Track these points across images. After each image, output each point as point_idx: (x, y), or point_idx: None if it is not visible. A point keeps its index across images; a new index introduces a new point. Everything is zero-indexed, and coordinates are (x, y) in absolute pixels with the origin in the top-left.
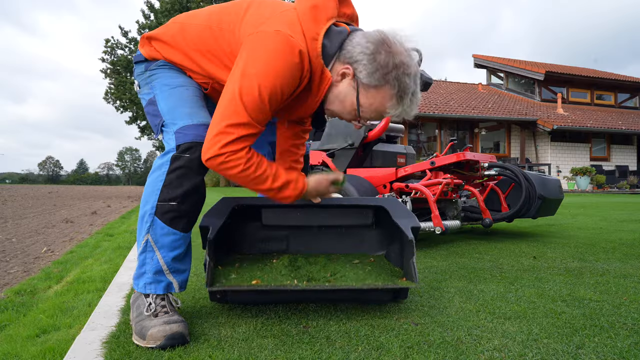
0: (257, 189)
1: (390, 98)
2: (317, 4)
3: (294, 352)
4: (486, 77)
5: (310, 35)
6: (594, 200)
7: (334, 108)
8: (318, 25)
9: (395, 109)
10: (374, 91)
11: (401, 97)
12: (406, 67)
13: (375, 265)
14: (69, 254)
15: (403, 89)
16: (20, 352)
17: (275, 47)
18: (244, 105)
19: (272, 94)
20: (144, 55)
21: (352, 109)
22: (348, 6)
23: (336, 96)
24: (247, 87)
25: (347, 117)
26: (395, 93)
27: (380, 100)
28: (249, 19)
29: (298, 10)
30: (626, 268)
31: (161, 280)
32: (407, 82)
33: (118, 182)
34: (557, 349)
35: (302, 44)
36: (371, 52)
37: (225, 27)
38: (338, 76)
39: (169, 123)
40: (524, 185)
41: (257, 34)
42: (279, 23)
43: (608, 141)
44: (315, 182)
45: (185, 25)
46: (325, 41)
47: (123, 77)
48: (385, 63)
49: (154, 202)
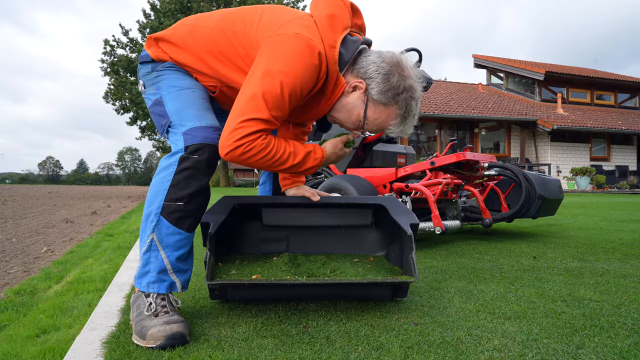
0: (281, 169)
1: (396, 117)
2: (334, 13)
3: (294, 352)
4: (486, 77)
5: (328, 42)
6: (594, 200)
7: (339, 116)
8: (335, 33)
9: (397, 127)
10: (382, 108)
11: (405, 117)
12: (414, 91)
13: (374, 264)
14: (69, 254)
15: (408, 111)
16: (20, 352)
17: (295, 48)
18: (265, 101)
19: (293, 91)
20: (151, 56)
21: (358, 120)
22: (359, 17)
23: (344, 105)
24: (269, 84)
25: (350, 126)
26: (401, 113)
27: (385, 117)
28: (265, 23)
29: (315, 18)
30: (626, 268)
31: (164, 279)
32: (412, 105)
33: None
34: (557, 349)
35: (321, 47)
36: (386, 73)
37: (239, 30)
38: (350, 87)
39: (176, 124)
40: (524, 185)
41: (277, 36)
42: (298, 27)
43: (608, 141)
44: (331, 146)
45: (196, 27)
46: (342, 49)
47: (123, 77)
48: (397, 85)
49: (160, 202)
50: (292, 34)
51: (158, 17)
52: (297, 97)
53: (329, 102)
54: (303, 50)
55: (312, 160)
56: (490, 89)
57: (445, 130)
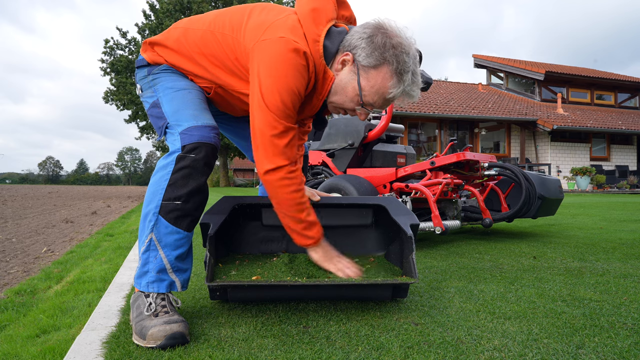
0: (293, 217)
1: (391, 76)
2: (316, 6)
3: (294, 352)
4: (486, 77)
5: (311, 37)
6: (594, 200)
7: (337, 99)
8: (318, 27)
9: (397, 88)
10: (374, 72)
11: (400, 74)
12: (403, 46)
13: (374, 264)
14: (69, 254)
15: (402, 66)
16: (20, 352)
17: (280, 53)
18: (275, 114)
19: (292, 96)
20: (147, 60)
21: (355, 95)
22: (346, 9)
23: (338, 85)
24: (269, 98)
25: (350, 105)
26: (394, 69)
27: (381, 80)
28: (252, 26)
29: (299, 14)
30: (626, 268)
31: (164, 279)
32: (405, 60)
33: (118, 182)
34: (557, 349)
35: (305, 46)
36: (368, 36)
37: (228, 33)
38: (338, 65)
39: (173, 124)
40: (524, 185)
41: (262, 42)
42: (281, 29)
43: (608, 141)
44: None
45: (188, 30)
46: (327, 42)
47: (123, 76)
48: (382, 43)
49: (158, 201)
50: (276, 38)
51: (158, 18)
52: (297, 99)
53: (320, 97)
54: (288, 54)
55: (315, 231)
56: (490, 88)
57: (445, 130)
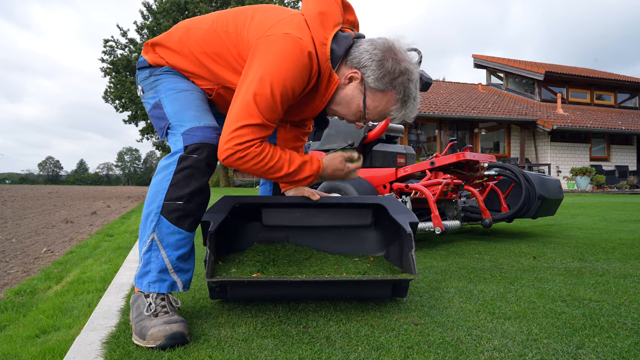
0: (275, 177)
1: (395, 102)
2: (324, 10)
3: (294, 352)
4: (486, 77)
5: (319, 40)
6: (594, 200)
7: (339, 109)
8: (326, 30)
9: (398, 112)
10: (380, 95)
11: (405, 101)
12: (410, 73)
13: (374, 263)
14: (69, 254)
15: (407, 94)
16: (20, 353)
17: (285, 49)
18: (257, 106)
19: (284, 93)
20: (148, 62)
21: (358, 111)
22: (351, 13)
23: (342, 98)
24: (259, 88)
25: (352, 118)
26: (400, 98)
27: (385, 103)
28: (257, 23)
29: (306, 16)
30: (626, 268)
31: (165, 279)
32: (410, 88)
33: (118, 183)
34: (557, 349)
35: (311, 46)
36: (379, 59)
37: (232, 31)
38: (345, 79)
39: (175, 125)
40: (524, 185)
41: (267, 37)
42: (287, 26)
43: (608, 141)
44: (330, 158)
45: (190, 30)
46: (334, 46)
47: (123, 75)
48: (392, 69)
49: (160, 201)
50: (281, 34)
51: (155, 18)
52: (288, 98)
53: (323, 99)
54: (292, 50)
55: (307, 170)
56: (490, 89)
57: (445, 130)
